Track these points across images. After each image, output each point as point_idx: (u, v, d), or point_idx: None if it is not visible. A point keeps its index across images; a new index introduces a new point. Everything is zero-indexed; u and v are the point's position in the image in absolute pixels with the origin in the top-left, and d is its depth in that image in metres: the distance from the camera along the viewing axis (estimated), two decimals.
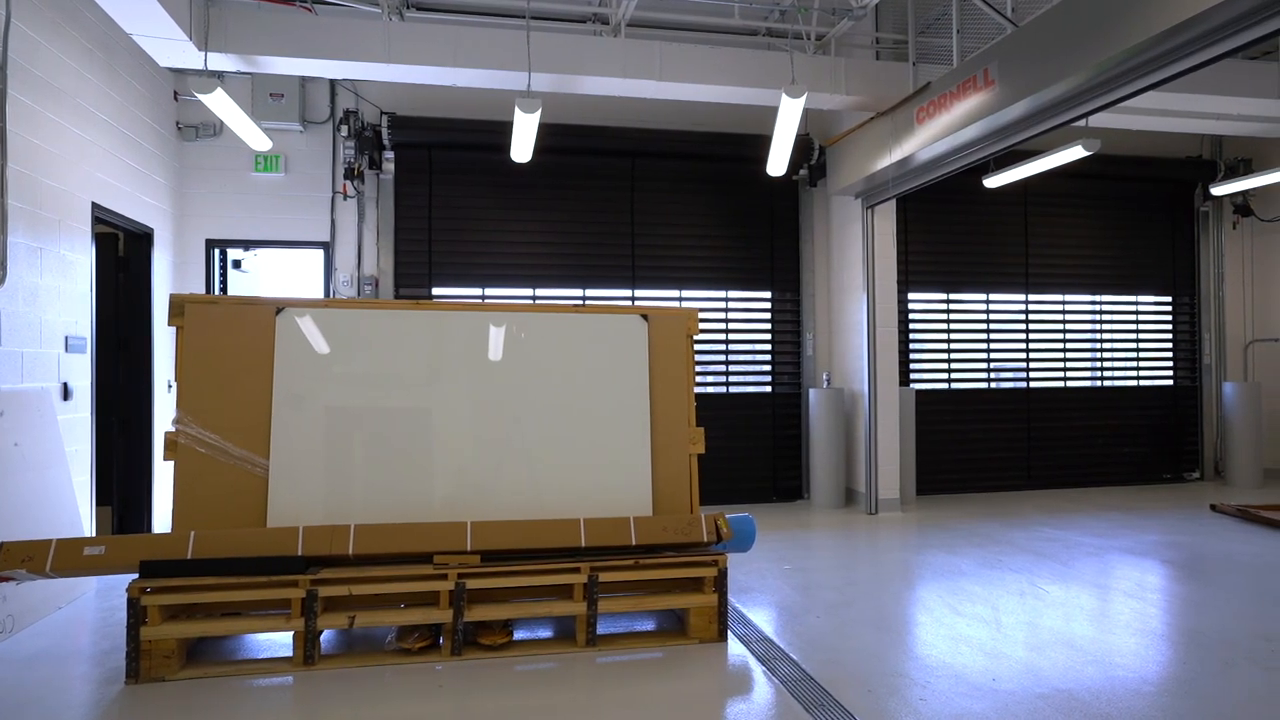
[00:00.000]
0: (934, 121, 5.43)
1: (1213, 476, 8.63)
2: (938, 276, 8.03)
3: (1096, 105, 4.50)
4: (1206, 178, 8.55)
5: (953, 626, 4.05)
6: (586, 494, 4.00)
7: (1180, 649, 3.73)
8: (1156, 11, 3.77)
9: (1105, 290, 8.54)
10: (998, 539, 5.92)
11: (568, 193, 7.34)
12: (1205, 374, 8.75)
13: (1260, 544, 5.72)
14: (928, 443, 7.82)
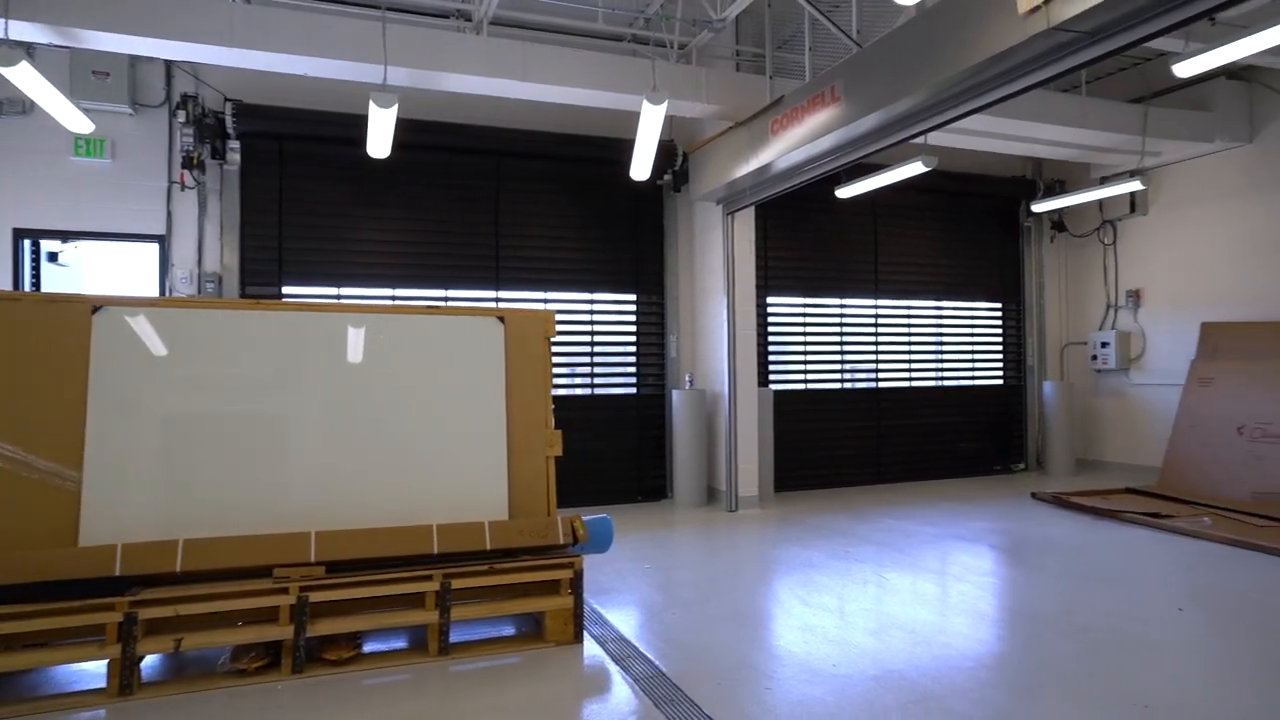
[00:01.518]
0: (787, 133, 5.68)
1: (1035, 467, 9.48)
2: (795, 281, 8.40)
3: (931, 124, 4.84)
4: (1028, 196, 9.39)
5: (801, 617, 4.24)
6: (443, 499, 3.91)
7: (998, 626, 4.07)
8: (973, 45, 4.10)
9: (945, 296, 9.21)
10: (847, 532, 6.25)
11: (430, 191, 7.15)
12: (1029, 374, 9.60)
13: (1071, 527, 6.33)
14: (786, 441, 8.15)
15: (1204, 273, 8.17)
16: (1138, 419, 8.80)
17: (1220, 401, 7.45)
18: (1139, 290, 8.84)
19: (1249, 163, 7.80)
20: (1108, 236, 9.15)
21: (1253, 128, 7.77)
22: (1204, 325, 8.00)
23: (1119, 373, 9.01)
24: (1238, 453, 7.13)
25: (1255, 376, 7.26)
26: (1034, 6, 3.69)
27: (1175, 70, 4.84)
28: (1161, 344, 8.59)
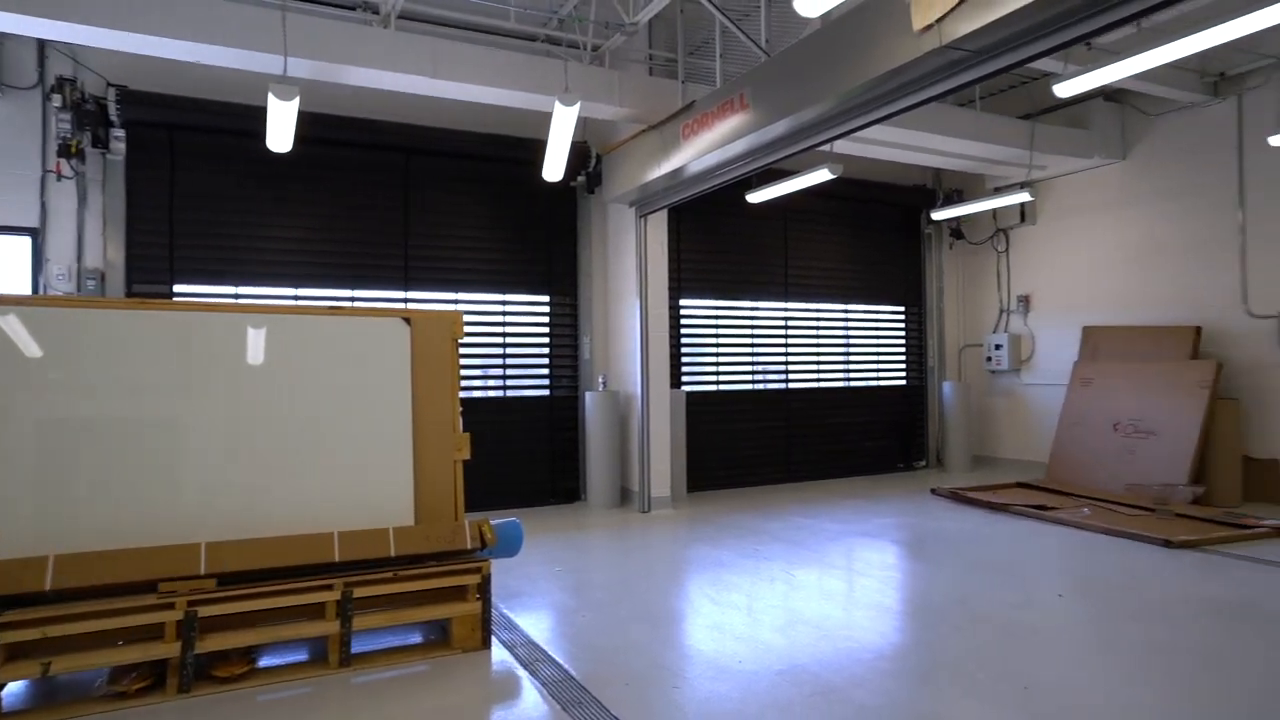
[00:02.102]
0: (698, 138, 5.76)
1: (935, 464, 9.91)
2: (708, 284, 8.52)
3: (835, 133, 4.99)
4: (929, 204, 9.81)
5: (711, 615, 4.30)
6: (345, 506, 3.78)
7: (898, 618, 4.23)
8: (872, 59, 4.26)
9: (852, 300, 9.52)
10: (757, 530, 6.38)
11: (336, 187, 6.91)
12: (930, 375, 10.03)
13: (966, 521, 6.64)
14: (698, 442, 8.26)
15: (1085, 279, 8.72)
16: (1028, 417, 9.32)
17: (1099, 400, 7.97)
18: (1029, 295, 9.36)
19: (1123, 178, 8.38)
20: (1001, 244, 9.65)
21: (1126, 145, 8.35)
22: (1085, 329, 8.54)
23: (1011, 373, 9.52)
24: (1113, 447, 7.64)
25: (1129, 377, 7.79)
26: (927, 25, 3.86)
27: (1055, 90, 5.15)
28: (1049, 346, 9.12)
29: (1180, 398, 7.26)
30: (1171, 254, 7.92)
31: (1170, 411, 7.29)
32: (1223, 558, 5.31)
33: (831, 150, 7.31)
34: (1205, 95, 7.50)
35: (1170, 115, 7.92)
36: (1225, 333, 7.46)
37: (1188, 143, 7.80)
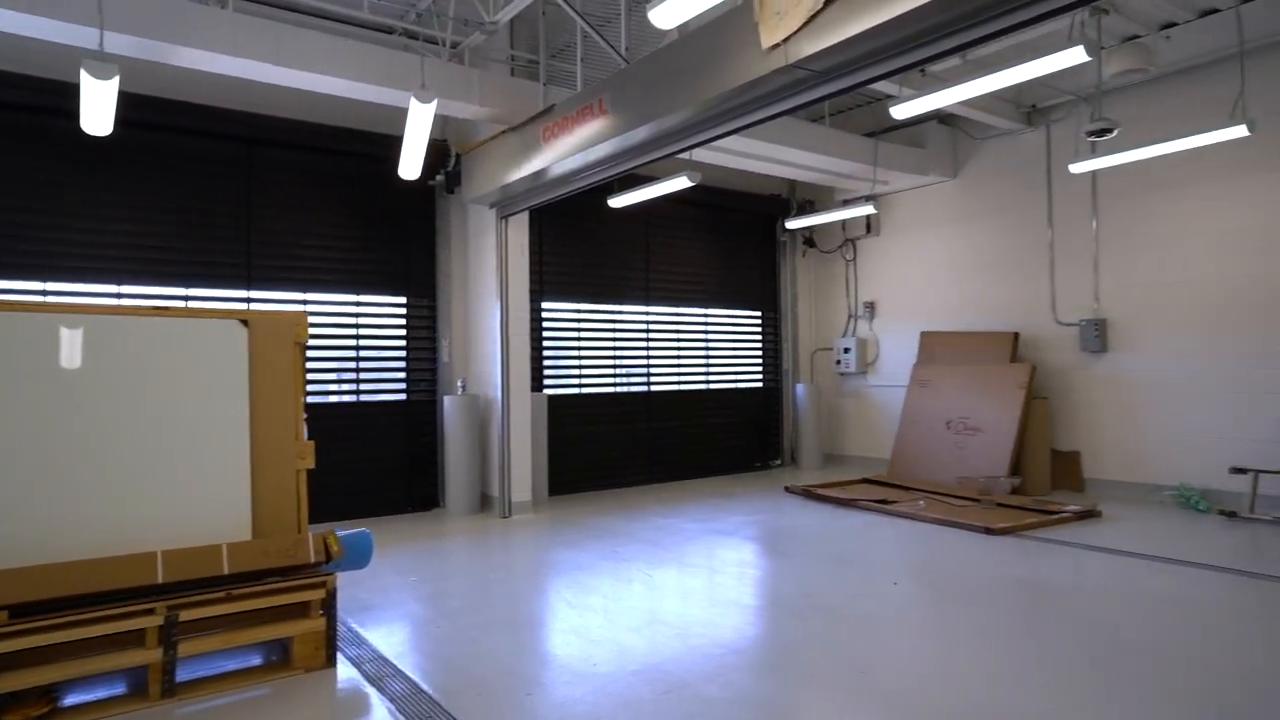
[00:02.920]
0: (558, 141, 5.76)
1: (790, 463, 10.37)
2: (570, 287, 8.53)
3: (691, 142, 5.13)
4: (784, 213, 10.27)
5: (568, 619, 4.30)
6: (174, 523, 3.50)
7: (749, 613, 4.40)
8: (725, 72, 4.41)
9: (711, 304, 9.81)
10: (617, 532, 6.45)
11: (168, 176, 6.39)
12: (785, 377, 10.49)
13: (816, 517, 6.99)
14: (560, 445, 8.24)
15: (923, 288, 9.41)
16: (873, 416, 9.93)
17: (934, 400, 8.62)
18: (874, 302, 9.98)
19: (955, 195, 9.11)
20: (849, 253, 10.24)
21: (956, 165, 9.08)
22: (923, 334, 9.21)
23: (858, 375, 10.11)
24: (946, 444, 8.28)
25: (960, 378, 8.47)
26: (775, 44, 4.04)
27: (892, 112, 5.52)
28: (891, 350, 9.76)
29: (1001, 397, 7.97)
30: (994, 266, 8.68)
31: (993, 410, 7.99)
32: (1034, 542, 5.87)
33: (690, 158, 7.50)
34: (1021, 124, 8.28)
35: (993, 140, 8.68)
36: (1038, 338, 8.26)
37: (1007, 166, 8.58)
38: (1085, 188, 7.86)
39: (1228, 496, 6.73)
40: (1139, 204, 7.49)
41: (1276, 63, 6.54)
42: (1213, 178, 6.98)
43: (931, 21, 3.55)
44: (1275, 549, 5.54)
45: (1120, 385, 7.64)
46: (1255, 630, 3.95)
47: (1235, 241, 6.81)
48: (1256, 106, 6.24)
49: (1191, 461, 7.06)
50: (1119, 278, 7.60)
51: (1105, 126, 6.45)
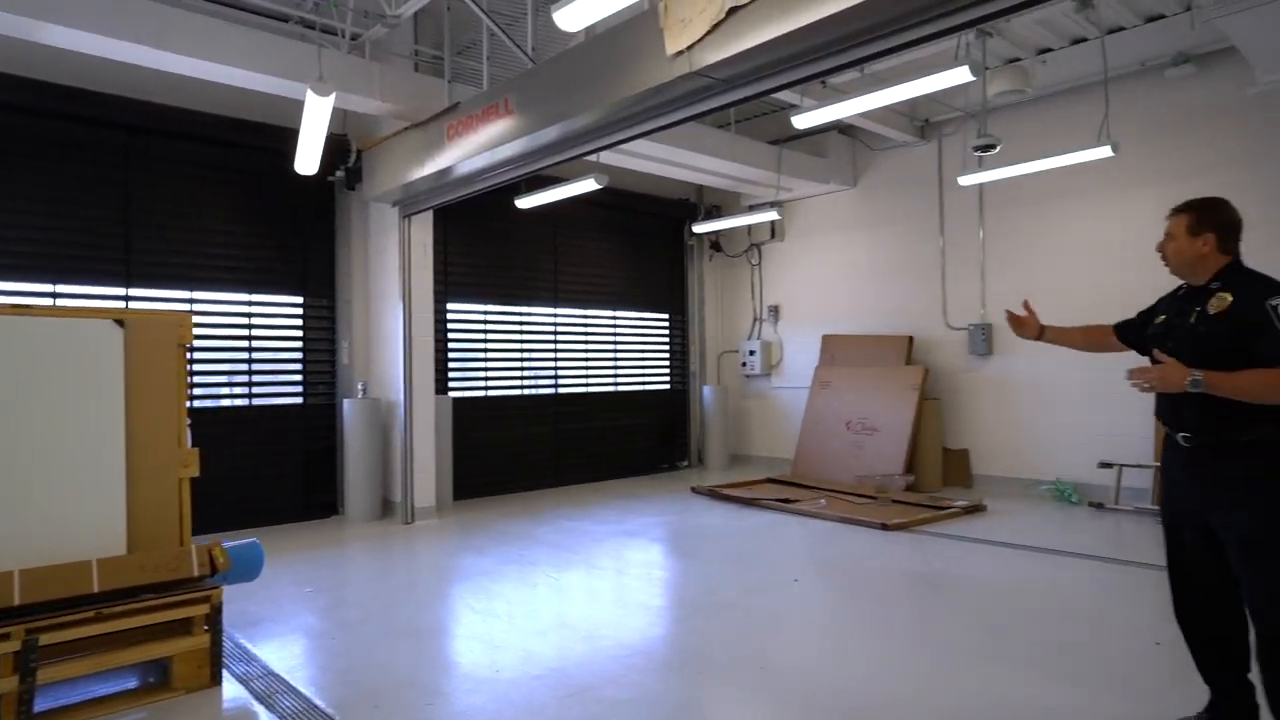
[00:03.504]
0: (463, 140, 5.66)
1: (697, 463, 10.51)
2: (477, 288, 8.39)
3: (598, 145, 5.14)
4: (691, 217, 10.41)
5: (472, 626, 4.22)
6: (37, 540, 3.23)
7: (652, 613, 4.43)
8: (630, 77, 4.43)
9: (620, 306, 9.84)
10: (523, 535, 6.38)
11: (33, 163, 5.91)
12: (692, 379, 10.63)
13: (721, 516, 7.11)
14: (466, 449, 8.07)
15: (824, 292, 9.72)
16: (778, 417, 10.18)
17: (835, 401, 8.91)
18: (778, 306, 10.24)
19: (854, 203, 9.45)
20: (754, 258, 10.48)
21: (856, 174, 9.43)
22: (824, 337, 9.51)
23: (763, 377, 10.35)
24: (846, 444, 8.58)
25: (859, 380, 8.79)
26: (678, 50, 4.09)
27: (793, 121, 5.68)
28: (795, 352, 10.04)
29: (896, 398, 8.32)
30: (891, 272, 9.06)
31: (889, 410, 8.33)
32: (926, 536, 6.15)
33: (598, 160, 7.50)
34: (915, 137, 8.67)
35: (889, 151, 9.06)
36: (931, 341, 8.67)
37: (902, 176, 8.97)
38: (973, 199, 8.30)
39: (1097, 489, 7.23)
40: (1021, 216, 7.97)
41: (1136, 90, 7.09)
42: (1084, 194, 7.50)
43: (828, 37, 3.67)
44: (1135, 537, 5.99)
45: (1004, 386, 8.10)
46: (1115, 610, 4.26)
47: (1104, 253, 7.33)
48: (1119, 130, 6.73)
49: (1066, 457, 7.56)
50: (1003, 285, 8.06)
51: (989, 143, 6.83)
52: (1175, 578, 2.85)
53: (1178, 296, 2.84)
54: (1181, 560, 2.81)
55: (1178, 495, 2.78)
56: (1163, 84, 6.99)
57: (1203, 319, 2.63)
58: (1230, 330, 2.55)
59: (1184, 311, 2.73)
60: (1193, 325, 2.65)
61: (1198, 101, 6.84)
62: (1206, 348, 2.57)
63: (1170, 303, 2.87)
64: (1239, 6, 4.14)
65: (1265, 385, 2.45)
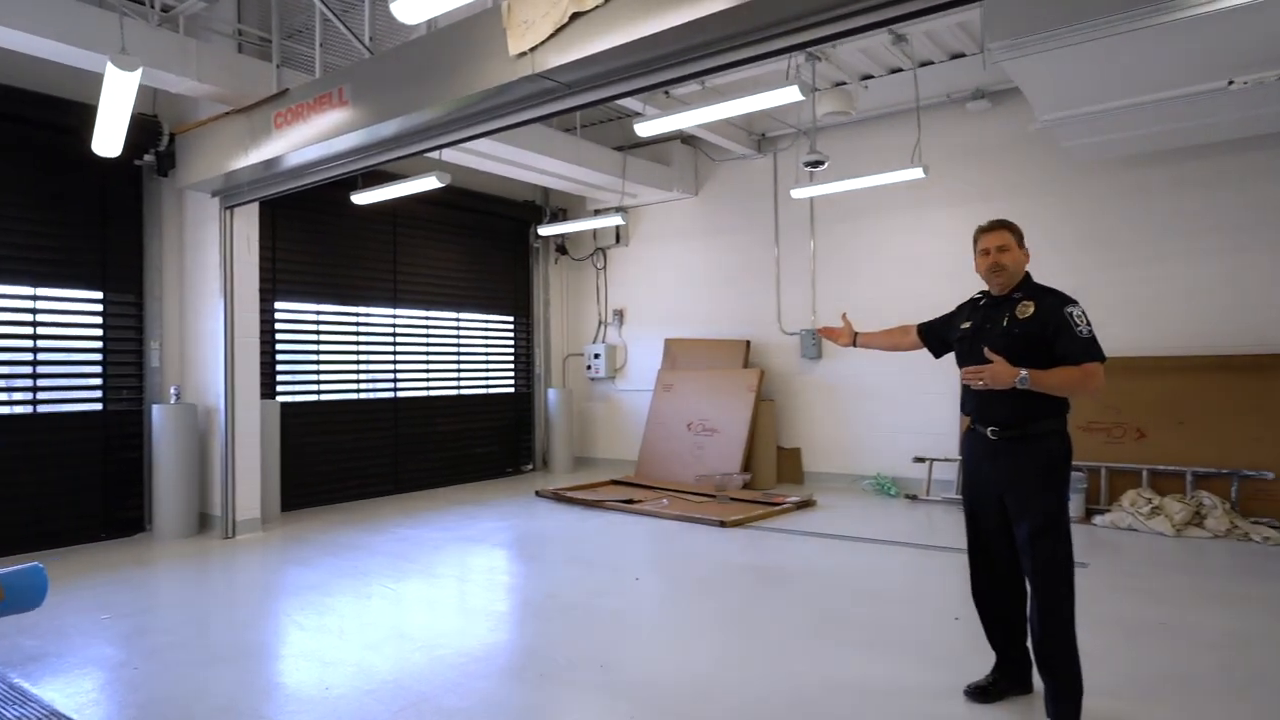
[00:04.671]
0: (292, 130, 5.33)
1: (541, 467, 10.46)
2: (310, 286, 7.92)
3: (438, 142, 5.00)
4: (537, 220, 10.36)
5: (298, 643, 3.98)
6: None
7: (493, 619, 4.36)
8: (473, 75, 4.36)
9: (463, 308, 9.62)
10: (358, 546, 6.08)
11: None
12: (537, 382, 10.57)
13: (565, 519, 7.12)
14: (296, 456, 7.60)
15: (667, 297, 9.97)
16: (622, 419, 10.33)
17: (677, 403, 9.16)
18: (622, 310, 10.40)
19: (696, 211, 9.78)
20: (600, 261, 10.58)
21: (698, 184, 9.76)
22: (667, 340, 9.76)
23: (607, 380, 10.47)
24: (687, 444, 8.84)
25: (700, 383, 9.09)
26: (521, 52, 4.07)
27: (636, 129, 5.80)
28: (639, 356, 10.22)
29: (734, 400, 8.67)
30: (730, 279, 9.44)
31: (728, 412, 8.67)
32: (761, 531, 6.45)
33: (440, 158, 7.31)
34: (752, 150, 9.10)
35: (729, 163, 9.45)
36: (767, 345, 9.12)
37: (741, 187, 9.38)
38: (805, 212, 8.82)
39: (912, 483, 7.89)
40: (846, 228, 8.56)
41: (943, 119, 7.81)
42: (901, 210, 8.17)
43: (667, 49, 3.78)
44: (943, 524, 6.58)
45: (832, 388, 8.66)
46: (925, 590, 4.67)
47: (918, 265, 8.02)
48: (930, 154, 7.40)
49: (886, 453, 8.18)
50: (832, 293, 8.61)
51: (818, 159, 7.29)
52: (975, 560, 3.19)
53: (980, 305, 3.16)
54: (982, 544, 3.15)
55: (981, 482, 3.09)
56: (965, 115, 7.75)
57: (1015, 323, 2.96)
58: (1038, 333, 2.90)
59: (990, 318, 3.06)
60: (1006, 329, 2.97)
61: (992, 133, 7.65)
62: (1019, 348, 2.90)
63: (972, 310, 3.19)
64: (1018, 53, 4.67)
65: (1074, 380, 2.82)
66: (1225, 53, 4.74)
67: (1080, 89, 5.32)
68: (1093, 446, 6.74)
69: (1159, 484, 6.47)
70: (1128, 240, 7.05)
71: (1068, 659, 2.85)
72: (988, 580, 3.16)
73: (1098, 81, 5.19)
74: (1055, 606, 2.86)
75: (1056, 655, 2.85)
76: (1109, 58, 4.79)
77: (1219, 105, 5.43)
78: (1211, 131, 6.11)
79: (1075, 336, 2.84)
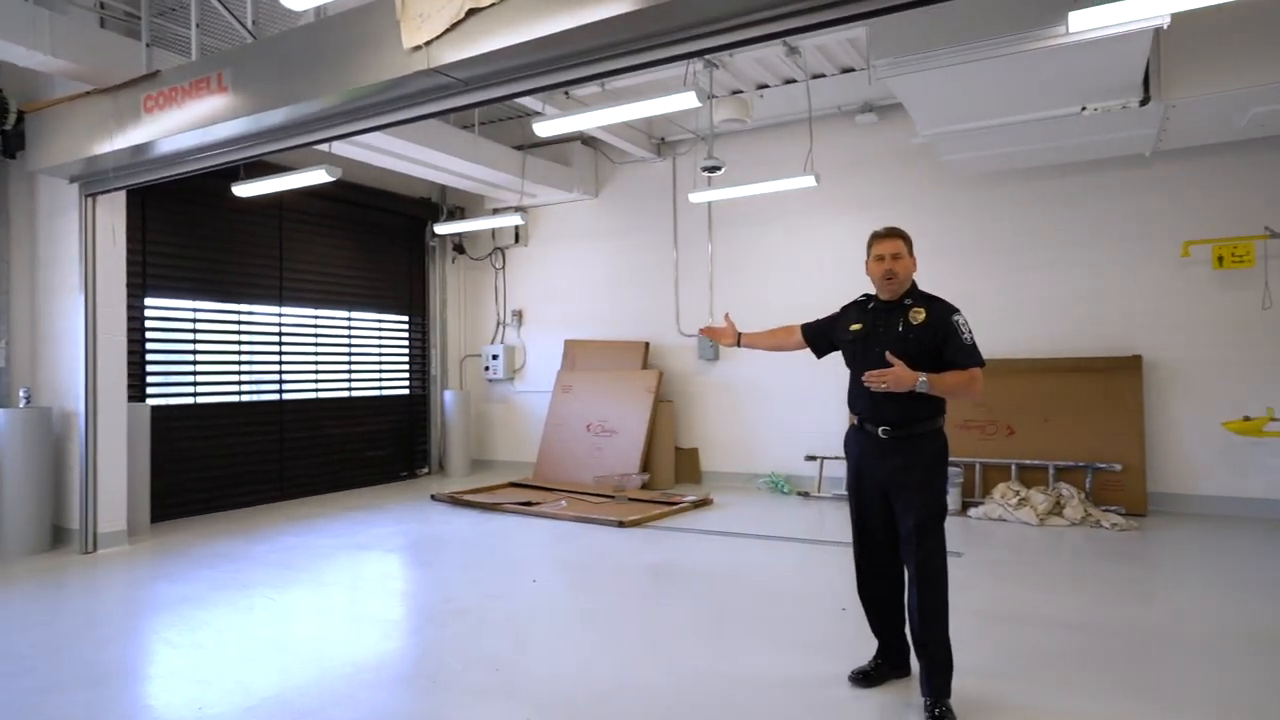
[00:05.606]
0: (165, 115, 4.99)
1: (438, 470, 10.21)
2: (185, 282, 7.45)
3: (327, 135, 4.81)
4: (434, 218, 10.12)
5: (169, 662, 3.73)
6: None
7: (385, 626, 4.22)
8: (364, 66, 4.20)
9: (355, 307, 9.28)
10: (239, 556, 5.77)
11: None
12: (433, 383, 10.32)
13: (462, 523, 6.97)
14: (170, 463, 7.12)
15: (567, 298, 9.93)
16: (521, 421, 10.21)
17: (576, 404, 9.14)
18: (521, 310, 10.29)
19: (596, 213, 9.78)
20: (499, 261, 10.43)
21: (598, 185, 9.77)
22: (566, 342, 9.72)
23: (506, 382, 10.33)
24: (586, 445, 8.84)
25: (599, 384, 9.11)
26: (416, 45, 3.96)
27: (535, 129, 5.75)
28: (538, 357, 10.14)
29: (633, 401, 8.73)
30: (630, 280, 9.49)
31: (626, 412, 8.72)
32: (659, 530, 6.52)
33: (330, 151, 7.03)
34: (652, 154, 9.19)
35: (629, 165, 9.51)
36: (665, 347, 9.22)
37: (641, 190, 9.45)
38: (703, 216, 8.97)
39: (805, 480, 8.16)
40: (742, 233, 8.77)
41: (834, 130, 8.13)
42: (795, 216, 8.44)
43: (565, 50, 3.76)
44: (833, 520, 6.84)
45: (729, 389, 8.85)
46: (813, 583, 4.84)
47: (811, 269, 8.30)
48: (821, 163, 7.68)
49: (780, 452, 8.43)
50: (728, 295, 8.79)
51: (715, 165, 7.44)
52: (859, 552, 3.34)
53: (869, 309, 3.29)
54: (866, 537, 3.29)
55: (868, 479, 3.22)
56: (854, 127, 8.09)
57: (910, 329, 3.11)
58: (929, 339, 3.08)
59: (883, 322, 3.20)
60: (901, 334, 3.12)
61: (879, 145, 8.01)
62: (913, 353, 3.04)
63: (860, 313, 3.31)
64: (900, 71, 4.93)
65: (963, 384, 3.02)
66: (1079, 82, 5.16)
67: (955, 107, 5.66)
68: (969, 443, 7.18)
69: (1026, 477, 6.96)
70: (1000, 250, 7.54)
71: (941, 642, 3.02)
72: (870, 571, 3.31)
73: (970, 101, 5.54)
74: (933, 594, 3.03)
75: (932, 641, 3.01)
76: (980, 80, 5.12)
77: (1074, 129, 5.90)
78: (1071, 152, 6.62)
79: (961, 344, 3.04)
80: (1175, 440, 6.84)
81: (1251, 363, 6.57)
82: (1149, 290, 6.97)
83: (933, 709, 2.95)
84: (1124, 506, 6.54)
